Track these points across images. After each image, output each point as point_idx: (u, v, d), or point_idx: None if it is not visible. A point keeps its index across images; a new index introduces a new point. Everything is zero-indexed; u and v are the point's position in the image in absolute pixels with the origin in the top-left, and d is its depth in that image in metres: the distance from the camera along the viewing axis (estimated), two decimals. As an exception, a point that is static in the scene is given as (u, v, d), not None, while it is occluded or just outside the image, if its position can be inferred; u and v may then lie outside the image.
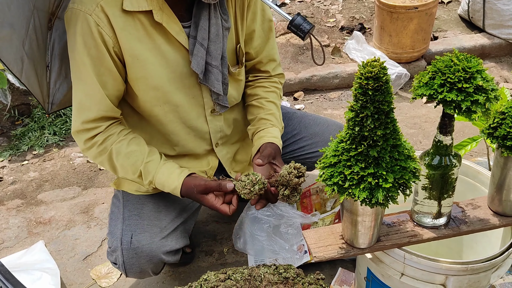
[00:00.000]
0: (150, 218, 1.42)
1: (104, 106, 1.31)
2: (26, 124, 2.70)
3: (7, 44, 1.19)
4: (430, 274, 1.13)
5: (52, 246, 1.93)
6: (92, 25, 1.21)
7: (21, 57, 1.27)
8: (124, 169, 1.34)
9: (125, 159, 1.33)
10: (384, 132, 0.93)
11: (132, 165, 1.34)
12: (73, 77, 1.31)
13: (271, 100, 1.55)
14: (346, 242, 1.15)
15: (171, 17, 1.27)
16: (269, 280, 1.29)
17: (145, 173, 1.34)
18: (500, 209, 1.17)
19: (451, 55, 0.97)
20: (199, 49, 1.31)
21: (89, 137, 1.33)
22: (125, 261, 1.37)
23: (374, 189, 0.96)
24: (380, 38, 2.92)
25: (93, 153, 1.35)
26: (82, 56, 1.25)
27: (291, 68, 2.97)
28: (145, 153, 1.35)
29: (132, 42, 1.26)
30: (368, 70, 0.88)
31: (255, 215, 1.85)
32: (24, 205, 2.17)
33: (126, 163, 1.34)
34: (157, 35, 1.28)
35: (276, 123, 1.51)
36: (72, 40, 1.25)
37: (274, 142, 1.45)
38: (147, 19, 1.26)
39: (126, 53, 1.27)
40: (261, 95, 1.55)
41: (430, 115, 2.64)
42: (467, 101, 0.93)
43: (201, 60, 1.32)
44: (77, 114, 1.32)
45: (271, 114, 1.52)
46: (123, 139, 1.35)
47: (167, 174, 1.33)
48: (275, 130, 1.49)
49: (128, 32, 1.25)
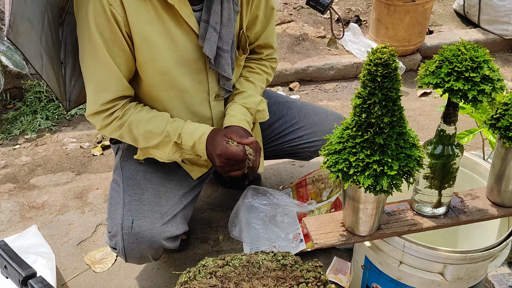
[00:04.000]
0: (151, 203, 1.41)
1: (122, 86, 1.32)
2: (18, 108, 2.66)
3: (28, 38, 1.17)
4: (429, 263, 1.14)
5: (45, 231, 1.91)
6: (105, 4, 1.19)
7: (40, 53, 1.25)
8: (148, 135, 1.35)
9: (148, 124, 1.35)
10: (391, 120, 0.93)
11: (157, 127, 1.35)
12: (88, 58, 1.28)
13: (251, 80, 1.56)
14: (347, 230, 1.16)
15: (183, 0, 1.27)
16: (268, 266, 1.29)
17: (172, 129, 1.35)
18: (499, 199, 1.19)
19: (459, 44, 0.97)
20: (211, 33, 1.31)
21: (107, 115, 1.33)
22: (125, 246, 1.36)
23: (379, 176, 0.96)
24: (377, 30, 2.93)
25: (112, 128, 1.35)
26: (96, 37, 1.23)
27: (287, 59, 2.96)
28: (167, 116, 1.38)
29: (142, 24, 1.25)
30: (377, 56, 0.88)
31: (252, 204, 1.85)
32: (16, 189, 2.14)
33: (150, 127, 1.35)
34: (167, 18, 1.28)
35: (242, 100, 1.50)
36: (84, 22, 1.23)
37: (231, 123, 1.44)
38: (158, 1, 1.25)
39: (136, 35, 1.26)
40: (243, 75, 1.57)
41: (424, 108, 2.66)
42: (473, 91, 0.94)
43: (213, 45, 1.32)
44: (94, 96, 1.31)
45: (240, 93, 1.51)
46: (141, 109, 1.37)
47: (196, 125, 1.38)
48: (235, 107, 1.48)
49: (139, 13, 1.24)
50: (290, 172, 2.17)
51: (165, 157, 1.40)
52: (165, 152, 1.39)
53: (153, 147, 1.38)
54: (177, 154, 1.39)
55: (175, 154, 1.39)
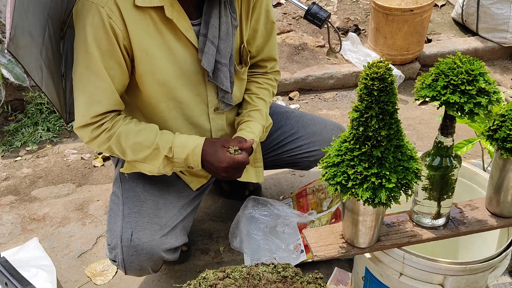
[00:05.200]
0: (150, 215, 1.42)
1: (114, 100, 1.32)
2: (19, 120, 2.67)
3: (28, 52, 1.18)
4: (429, 274, 1.14)
5: (46, 243, 1.91)
6: (105, 17, 1.20)
7: (40, 66, 1.26)
8: (137, 147, 1.34)
9: (137, 136, 1.33)
10: (388, 133, 0.94)
11: (147, 140, 1.34)
12: (82, 69, 1.28)
13: (261, 97, 1.59)
14: (347, 242, 1.16)
15: (181, 13, 1.28)
16: (268, 278, 1.29)
17: (162, 143, 1.34)
18: (498, 210, 1.19)
19: (454, 58, 0.98)
20: (209, 47, 1.32)
21: (96, 127, 1.32)
22: (125, 259, 1.36)
23: (377, 189, 0.97)
24: (375, 39, 2.94)
25: (100, 140, 1.34)
26: (92, 49, 1.24)
27: (287, 68, 2.97)
28: (156, 128, 1.38)
29: (142, 37, 1.26)
30: (373, 70, 0.89)
31: (252, 215, 1.86)
32: (17, 202, 2.15)
33: (139, 139, 1.34)
34: (167, 31, 1.29)
35: (259, 119, 1.55)
36: (82, 33, 1.24)
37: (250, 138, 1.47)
38: (157, 15, 1.26)
39: (136, 48, 1.27)
40: (252, 91, 1.60)
41: (424, 116, 2.66)
42: (470, 103, 0.94)
43: (211, 58, 1.33)
44: (85, 108, 1.30)
45: (257, 110, 1.56)
46: (130, 121, 1.36)
47: (186, 137, 1.37)
48: (255, 125, 1.52)
49: (139, 26, 1.25)
50: (290, 182, 2.18)
51: (154, 170, 1.39)
52: (154, 165, 1.38)
53: (142, 160, 1.37)
54: (168, 167, 1.39)
55: (166, 167, 1.39)
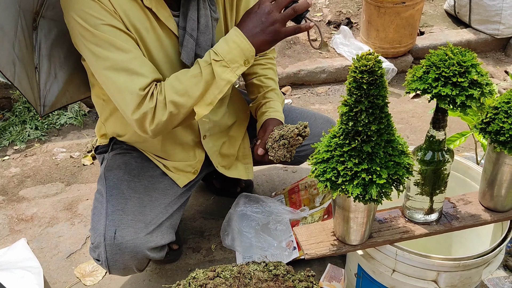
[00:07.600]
0: (135, 213, 1.38)
1: (151, 67, 1.25)
2: (7, 118, 2.63)
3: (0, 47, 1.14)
4: (422, 271, 1.12)
5: (34, 244, 1.88)
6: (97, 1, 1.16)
7: (12, 60, 1.22)
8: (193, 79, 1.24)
9: (182, 74, 1.25)
10: (378, 127, 0.91)
11: (192, 70, 1.25)
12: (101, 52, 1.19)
13: (270, 76, 1.63)
14: (338, 239, 1.13)
15: (160, 2, 1.26)
16: (259, 277, 1.27)
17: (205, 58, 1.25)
18: (492, 204, 1.17)
19: (446, 49, 0.96)
20: (188, 40, 1.30)
21: (149, 98, 1.23)
22: (108, 257, 1.33)
23: (367, 185, 0.94)
24: (367, 32, 2.91)
25: (160, 106, 1.24)
26: (98, 27, 1.17)
27: (279, 63, 2.94)
28: None
29: (131, 18, 1.23)
30: (362, 63, 0.86)
31: (244, 212, 1.83)
32: (5, 202, 2.11)
33: (188, 74, 1.25)
34: (152, 18, 1.27)
35: (276, 98, 1.60)
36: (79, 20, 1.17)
37: (276, 117, 1.52)
38: (142, 2, 1.24)
39: (129, 27, 1.23)
40: (259, 73, 1.63)
41: (417, 110, 2.65)
42: (462, 96, 0.92)
43: (191, 52, 1.31)
44: (130, 86, 1.21)
45: (271, 91, 1.60)
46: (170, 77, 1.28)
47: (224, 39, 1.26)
48: (276, 104, 1.57)
49: (128, 8, 1.22)
50: (282, 178, 2.15)
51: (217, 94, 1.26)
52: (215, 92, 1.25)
53: (205, 88, 1.24)
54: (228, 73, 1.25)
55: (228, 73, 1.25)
